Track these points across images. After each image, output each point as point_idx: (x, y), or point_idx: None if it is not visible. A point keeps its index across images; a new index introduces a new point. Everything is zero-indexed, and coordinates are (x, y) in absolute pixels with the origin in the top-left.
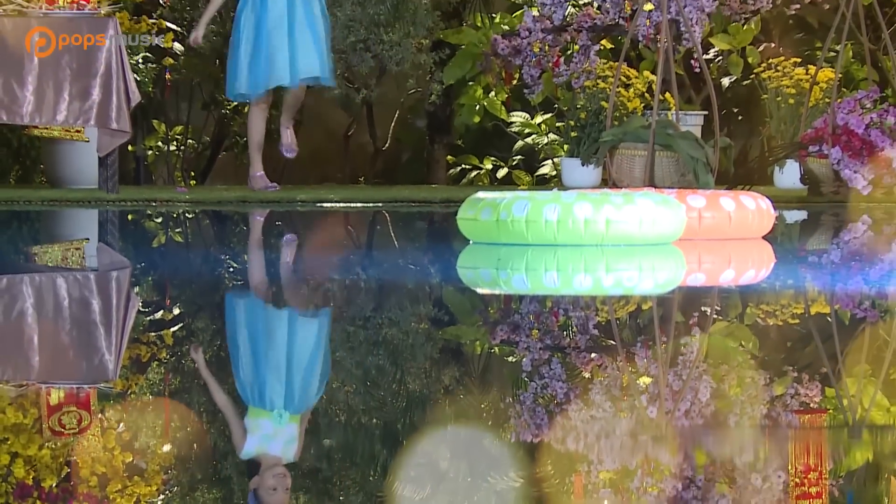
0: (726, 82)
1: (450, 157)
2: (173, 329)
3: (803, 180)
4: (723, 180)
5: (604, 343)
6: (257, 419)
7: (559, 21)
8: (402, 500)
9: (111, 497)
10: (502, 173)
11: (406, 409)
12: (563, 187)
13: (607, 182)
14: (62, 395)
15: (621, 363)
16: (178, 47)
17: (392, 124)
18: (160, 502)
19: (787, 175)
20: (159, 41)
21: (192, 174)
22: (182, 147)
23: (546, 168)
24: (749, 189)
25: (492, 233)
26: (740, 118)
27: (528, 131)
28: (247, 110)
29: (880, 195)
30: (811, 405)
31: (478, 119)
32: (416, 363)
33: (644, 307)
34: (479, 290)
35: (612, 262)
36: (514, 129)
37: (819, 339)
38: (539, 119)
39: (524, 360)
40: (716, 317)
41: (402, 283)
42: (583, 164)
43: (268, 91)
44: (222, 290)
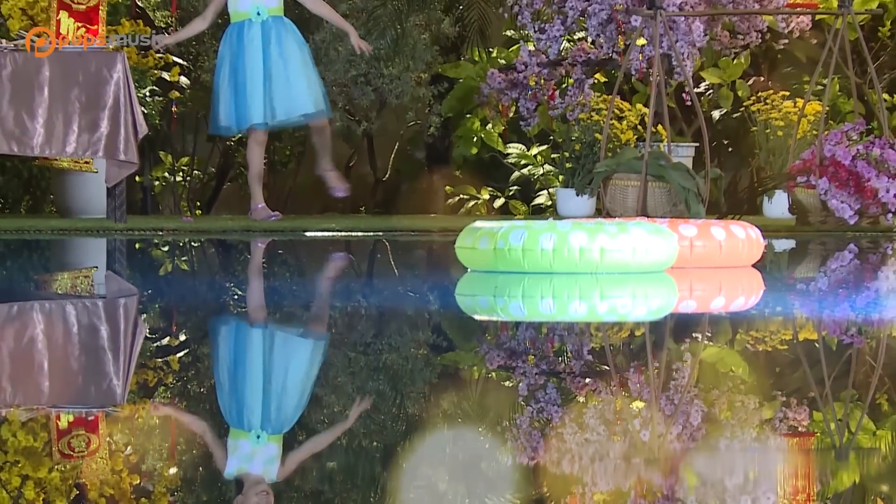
0: (717, 115)
1: (448, 187)
2: (179, 355)
3: (791, 210)
4: (713, 210)
5: (598, 368)
6: (237, 440)
7: (554, 55)
8: None
9: None
10: (499, 203)
11: (404, 431)
12: (558, 217)
13: (601, 212)
14: (71, 418)
15: (615, 388)
16: (184, 81)
17: (392, 155)
18: None
19: (776, 205)
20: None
21: (198, 204)
22: (188, 178)
23: (542, 198)
24: (739, 218)
25: (489, 261)
26: (730, 150)
27: (524, 162)
28: None
29: (866, 224)
30: (799, 429)
31: (475, 150)
32: (414, 387)
33: (637, 333)
34: (477, 317)
35: (607, 289)
36: (510, 161)
37: (807, 364)
38: (535, 150)
39: (521, 384)
40: (707, 342)
41: (401, 310)
42: (577, 195)
43: (256, 125)
44: (226, 317)
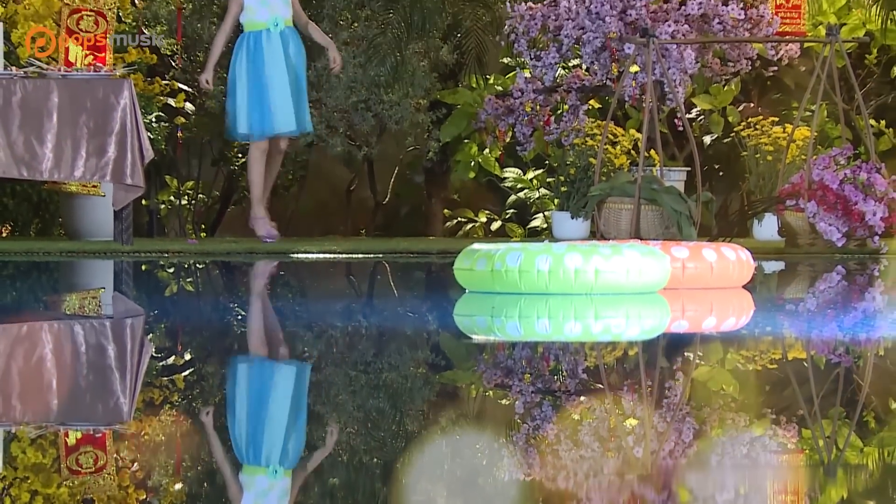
0: (708, 140)
1: (446, 210)
2: (184, 374)
3: (781, 233)
4: (705, 233)
5: (592, 386)
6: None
7: (550, 82)
8: None
9: None
10: (496, 226)
11: (404, 448)
12: (553, 239)
13: (595, 234)
14: (79, 435)
15: (609, 405)
16: (189, 107)
17: (392, 179)
18: None
19: (766, 228)
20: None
21: (203, 227)
22: (193, 201)
23: (538, 221)
24: (730, 241)
25: (487, 282)
26: (721, 174)
27: (520, 186)
28: None
29: (854, 247)
30: (788, 445)
31: (473, 175)
32: (414, 405)
33: (631, 353)
34: (475, 337)
35: (601, 309)
36: (507, 184)
37: (796, 382)
38: (531, 175)
39: (517, 402)
40: (698, 362)
41: (401, 330)
42: (572, 217)
43: (284, 134)
44: (230, 337)
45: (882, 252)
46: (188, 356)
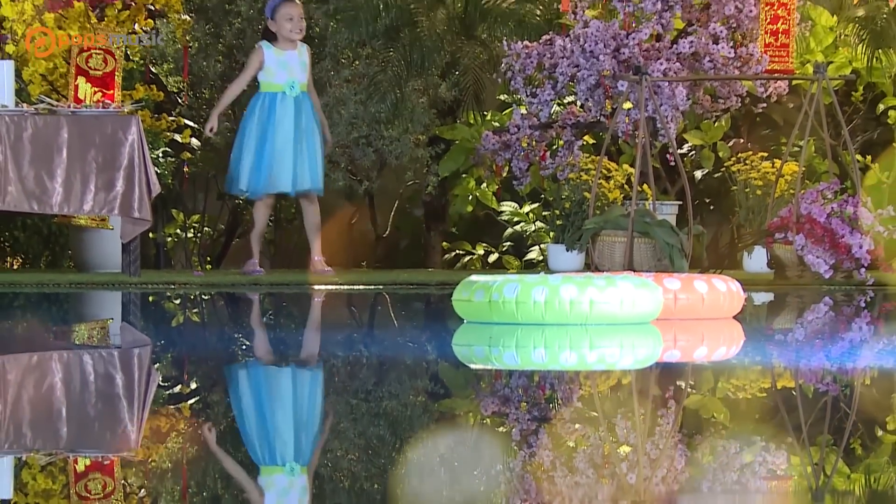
0: (699, 175)
1: (445, 243)
2: (190, 402)
3: (770, 265)
4: (696, 265)
5: (587, 414)
6: (271, 475)
7: (545, 118)
8: None
9: None
10: (493, 258)
11: (403, 473)
12: (549, 271)
13: (590, 266)
14: (88, 462)
15: (603, 433)
16: (195, 143)
17: (392, 213)
18: None
19: (755, 260)
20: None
21: (208, 259)
22: (199, 234)
23: (534, 253)
24: (720, 273)
25: (484, 313)
26: (712, 208)
27: (516, 219)
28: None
29: (840, 279)
30: (777, 472)
31: (471, 208)
32: (413, 432)
33: (624, 381)
34: (473, 366)
35: (596, 339)
36: (504, 218)
37: (785, 410)
38: (527, 208)
39: (514, 429)
40: (690, 390)
41: (401, 360)
42: (567, 250)
43: (282, 193)
44: (235, 367)
45: (868, 284)
46: (194, 385)
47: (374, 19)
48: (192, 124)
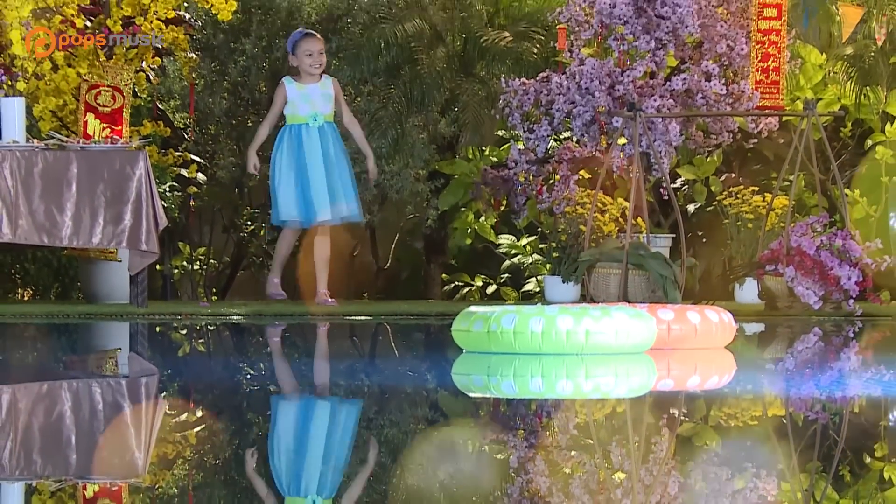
0: (692, 208)
1: (444, 275)
2: (196, 430)
3: (761, 296)
4: (689, 296)
5: (583, 441)
6: None
7: (542, 153)
8: None
9: None
10: (491, 289)
11: (404, 499)
12: (546, 302)
13: (586, 297)
14: (97, 488)
15: (598, 459)
16: (201, 177)
17: (393, 245)
18: None
19: (747, 291)
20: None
21: (214, 291)
22: (204, 266)
23: (531, 285)
24: (712, 304)
25: (483, 343)
26: (704, 240)
27: (514, 252)
28: (262, 233)
29: (830, 310)
30: (769, 498)
31: (469, 241)
32: (413, 458)
33: (619, 410)
34: (472, 395)
35: (591, 369)
36: (501, 250)
37: (775, 438)
38: (524, 241)
39: (511, 456)
40: (683, 418)
41: (402, 388)
42: (564, 282)
43: (323, 222)
44: (240, 395)
45: (857, 315)
46: (200, 413)
47: (376, 57)
48: (198, 159)
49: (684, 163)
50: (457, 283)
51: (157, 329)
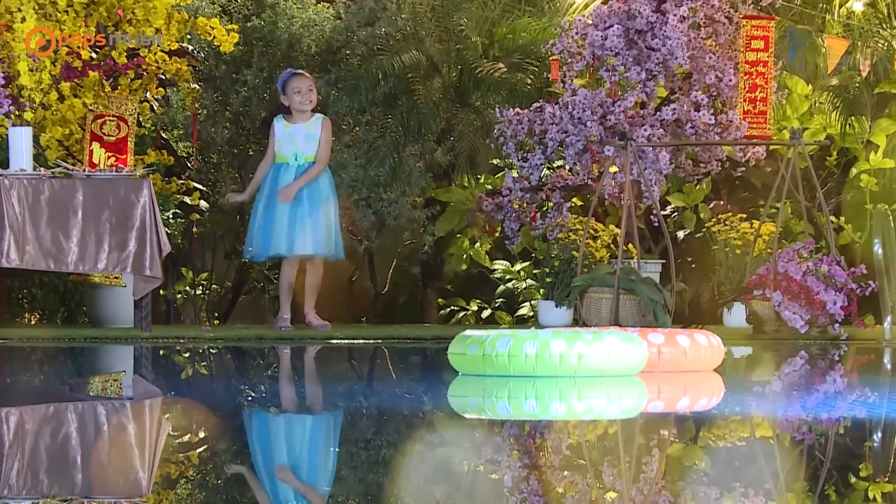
0: (681, 235)
1: (441, 299)
2: (199, 450)
3: (749, 320)
4: (679, 320)
5: (576, 462)
6: None
7: (536, 181)
8: None
9: None
10: (486, 314)
11: None
12: (539, 326)
13: (578, 322)
14: None
15: (591, 480)
16: (203, 205)
17: (390, 271)
18: None
19: (735, 315)
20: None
21: (216, 315)
22: (207, 291)
23: (525, 309)
24: (701, 328)
25: (478, 366)
26: (693, 266)
27: (508, 277)
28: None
29: (816, 333)
30: None
31: (465, 266)
32: (410, 479)
33: (611, 431)
34: (467, 416)
35: (584, 391)
36: (496, 276)
37: (763, 459)
38: (518, 267)
39: (506, 476)
40: (673, 439)
41: (399, 410)
42: (557, 306)
43: (279, 255)
44: (242, 417)
45: (842, 338)
46: (202, 434)
47: (374, 88)
48: (200, 187)
49: (674, 190)
50: (453, 307)
51: (161, 352)
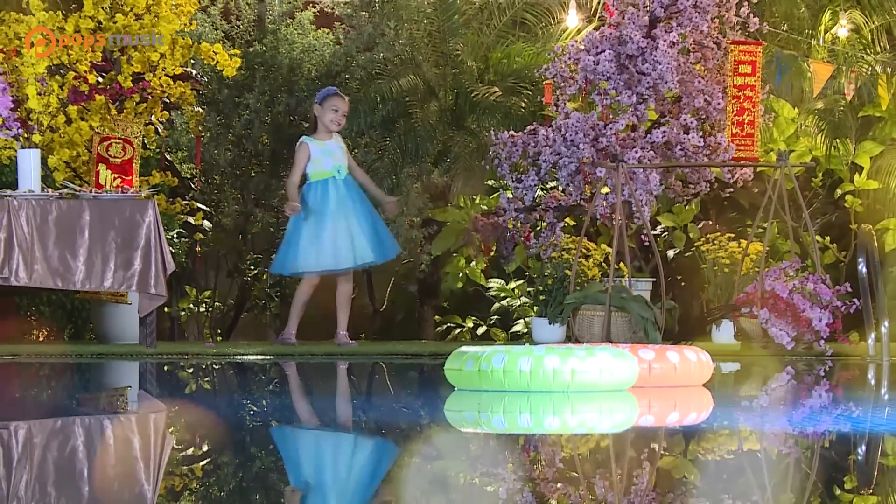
0: (671, 254)
1: (437, 316)
2: (202, 463)
3: (737, 337)
4: (668, 337)
5: (569, 475)
6: None
7: (530, 202)
8: None
9: None
10: (482, 330)
11: None
12: (533, 342)
13: (571, 338)
14: None
15: (583, 492)
16: (206, 225)
17: (388, 289)
18: None
19: (723, 332)
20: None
21: (219, 332)
22: (210, 309)
23: (519, 326)
24: (691, 344)
25: (474, 381)
26: (683, 284)
27: (503, 295)
28: (265, 277)
29: (802, 350)
30: None
31: (461, 284)
32: (408, 491)
33: (603, 444)
34: (463, 430)
35: (577, 405)
36: (491, 293)
37: (750, 471)
38: (513, 285)
39: (501, 488)
40: (663, 452)
41: (397, 424)
42: (550, 323)
43: (344, 269)
44: (244, 431)
45: (827, 355)
46: (205, 448)
47: (373, 111)
48: (204, 208)
49: (664, 211)
50: (449, 324)
51: (165, 368)
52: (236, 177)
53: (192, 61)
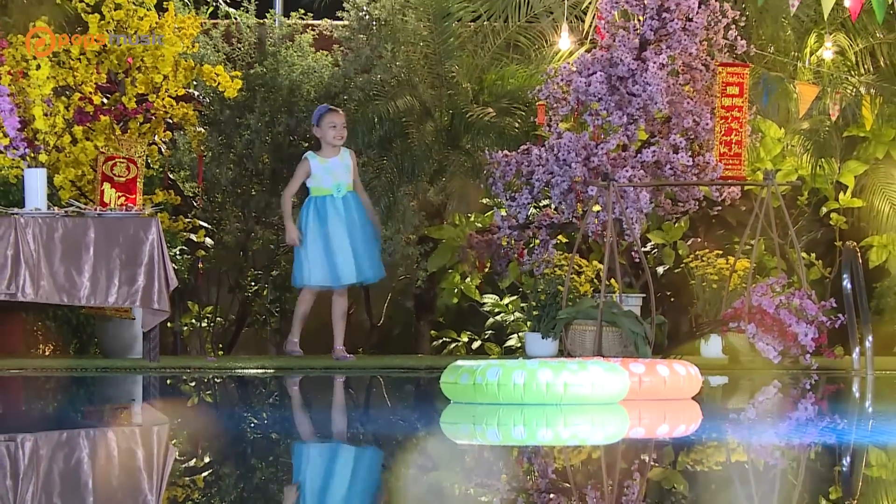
0: (661, 270)
1: (433, 331)
2: (204, 475)
3: (724, 351)
4: (658, 351)
5: (561, 485)
6: None
7: (523, 219)
8: None
9: None
10: (476, 345)
11: None
12: (527, 356)
13: (563, 352)
14: None
15: (575, 502)
16: (208, 242)
17: (385, 304)
18: None
19: (712, 346)
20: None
21: (220, 346)
22: (212, 324)
23: (513, 341)
24: (680, 358)
25: (469, 394)
26: (672, 300)
27: (497, 310)
28: (265, 293)
29: (788, 364)
30: None
31: (456, 300)
32: (405, 502)
33: (595, 455)
34: (459, 442)
35: (569, 418)
36: (486, 309)
37: (738, 482)
38: (507, 300)
39: (495, 499)
40: (653, 464)
41: (393, 436)
42: (543, 338)
43: (347, 284)
44: (245, 443)
45: (813, 369)
46: (207, 459)
47: (370, 131)
48: (206, 225)
49: (654, 228)
50: (444, 338)
51: (168, 382)
52: (237, 195)
53: (195, 83)
